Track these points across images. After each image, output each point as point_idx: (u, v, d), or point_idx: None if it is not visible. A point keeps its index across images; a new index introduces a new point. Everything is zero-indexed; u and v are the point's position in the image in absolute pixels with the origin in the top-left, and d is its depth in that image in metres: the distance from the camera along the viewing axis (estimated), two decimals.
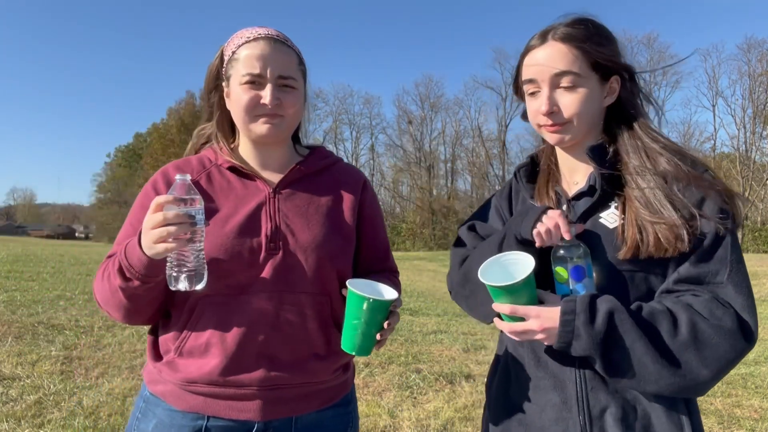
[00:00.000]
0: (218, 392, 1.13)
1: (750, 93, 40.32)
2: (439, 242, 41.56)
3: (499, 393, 1.23)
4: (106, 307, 1.16)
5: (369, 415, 3.47)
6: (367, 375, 4.33)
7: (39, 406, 3.26)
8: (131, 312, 1.13)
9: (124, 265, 1.05)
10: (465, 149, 52.04)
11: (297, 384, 1.17)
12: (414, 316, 7.54)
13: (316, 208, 1.24)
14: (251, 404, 1.14)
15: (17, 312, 5.66)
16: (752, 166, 39.37)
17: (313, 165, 1.30)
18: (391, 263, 1.40)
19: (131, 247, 1.05)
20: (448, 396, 3.90)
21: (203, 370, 1.13)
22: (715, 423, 3.64)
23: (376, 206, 1.38)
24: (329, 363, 1.22)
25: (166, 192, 1.10)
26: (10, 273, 8.63)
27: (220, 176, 1.24)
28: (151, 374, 1.21)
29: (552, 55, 1.09)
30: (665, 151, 1.07)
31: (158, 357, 1.21)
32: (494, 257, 1.08)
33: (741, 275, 1.01)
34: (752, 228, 37.41)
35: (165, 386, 1.17)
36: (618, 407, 1.03)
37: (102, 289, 1.13)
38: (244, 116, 1.19)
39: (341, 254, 1.23)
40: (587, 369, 1.05)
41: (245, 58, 1.17)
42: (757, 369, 5.17)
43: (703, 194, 1.02)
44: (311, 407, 1.21)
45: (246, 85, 1.17)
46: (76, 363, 4.16)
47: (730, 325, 0.96)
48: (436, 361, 4.90)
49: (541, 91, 1.11)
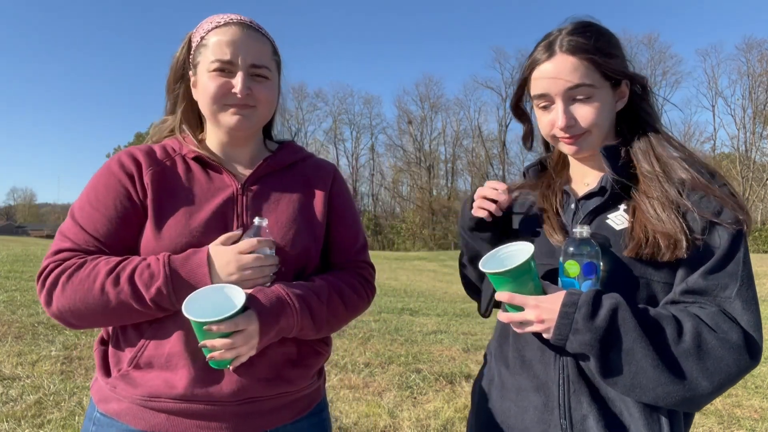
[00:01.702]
0: (184, 408, 1.03)
1: (750, 93, 40.32)
2: (439, 242, 41.54)
3: (482, 395, 1.22)
4: (73, 309, 1.00)
5: (369, 415, 3.47)
6: (367, 375, 4.33)
7: (39, 406, 3.26)
8: (102, 322, 1.04)
9: (164, 286, 0.98)
10: (465, 149, 52.11)
11: (273, 395, 1.09)
12: (414, 316, 7.54)
13: (286, 205, 1.17)
14: (222, 421, 1.05)
15: (17, 312, 5.65)
16: (752, 166, 39.35)
17: (282, 160, 1.23)
18: (364, 257, 1.28)
19: (191, 272, 0.99)
20: (448, 396, 3.90)
21: (167, 384, 1.02)
22: (715, 423, 3.64)
23: (346, 199, 1.30)
24: (304, 369, 1.15)
25: (138, 176, 1.08)
26: (10, 273, 8.63)
27: (185, 167, 1.15)
28: (101, 391, 1.09)
29: (563, 68, 1.06)
30: (681, 160, 1.06)
31: (109, 371, 1.09)
32: (493, 251, 1.06)
33: (751, 292, 0.98)
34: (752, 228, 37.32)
35: (119, 404, 1.05)
36: (600, 413, 1.01)
37: (85, 290, 0.99)
38: (212, 105, 1.11)
39: (310, 255, 1.18)
40: (571, 372, 1.04)
41: (215, 44, 1.10)
42: (757, 369, 5.17)
43: (721, 205, 1.00)
44: (286, 419, 1.13)
45: (215, 72, 1.09)
46: (76, 363, 4.15)
47: (736, 340, 0.94)
48: (436, 361, 4.90)
49: (554, 105, 1.09)
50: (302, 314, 1.05)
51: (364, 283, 1.24)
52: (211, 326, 0.93)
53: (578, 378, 1.03)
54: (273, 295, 1.03)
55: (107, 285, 0.98)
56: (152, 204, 1.08)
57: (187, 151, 1.16)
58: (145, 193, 1.08)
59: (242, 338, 0.96)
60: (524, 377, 1.10)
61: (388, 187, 54.38)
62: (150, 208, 1.07)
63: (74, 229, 1.05)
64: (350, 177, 53.72)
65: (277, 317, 1.02)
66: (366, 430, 3.28)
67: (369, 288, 1.25)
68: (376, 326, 6.39)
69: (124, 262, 1.02)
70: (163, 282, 0.99)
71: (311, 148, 62.62)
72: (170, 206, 1.07)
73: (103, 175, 1.10)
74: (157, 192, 1.08)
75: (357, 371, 4.41)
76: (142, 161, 1.11)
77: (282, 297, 1.04)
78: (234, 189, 1.14)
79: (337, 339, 5.47)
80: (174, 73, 1.18)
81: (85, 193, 1.10)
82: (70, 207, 1.11)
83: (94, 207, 1.06)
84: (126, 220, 1.06)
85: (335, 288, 1.15)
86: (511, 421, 1.11)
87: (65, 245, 1.04)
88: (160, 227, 1.06)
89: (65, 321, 1.02)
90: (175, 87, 1.19)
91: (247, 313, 0.97)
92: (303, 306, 1.06)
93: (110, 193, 1.07)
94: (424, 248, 40.02)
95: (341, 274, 1.21)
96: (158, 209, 1.07)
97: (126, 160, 1.11)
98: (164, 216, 1.07)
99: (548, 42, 1.09)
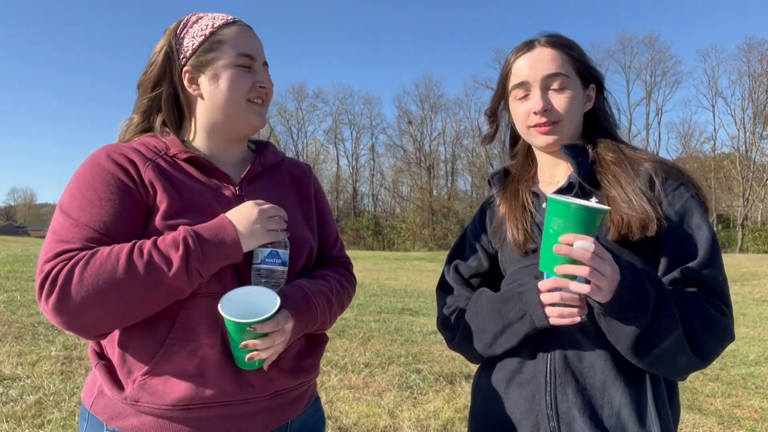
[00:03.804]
0: (220, 413, 1.00)
1: (750, 93, 40.36)
2: (439, 242, 41.54)
3: (479, 390, 1.25)
4: (96, 296, 0.90)
5: (369, 415, 3.47)
6: (367, 375, 4.33)
7: (39, 406, 3.26)
8: (129, 311, 0.94)
9: (192, 243, 0.94)
10: (465, 149, 52.08)
11: (294, 386, 1.12)
12: (414, 317, 7.54)
13: (285, 203, 1.16)
14: (257, 418, 1.05)
15: (17, 312, 5.66)
16: (752, 166, 39.38)
17: (268, 160, 1.23)
18: (344, 252, 1.33)
19: (212, 227, 0.98)
20: (448, 396, 3.90)
21: (197, 389, 0.98)
22: (715, 423, 3.64)
23: (324, 197, 1.34)
24: (314, 357, 1.18)
25: (137, 173, 1.03)
26: (10, 273, 8.63)
27: (174, 168, 1.08)
28: (111, 407, 1.01)
29: (543, 57, 1.16)
30: (645, 153, 1.17)
31: (121, 385, 1.00)
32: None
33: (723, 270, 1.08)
34: (752, 228, 37.38)
35: (139, 419, 0.99)
36: (586, 404, 1.05)
37: (109, 270, 0.90)
38: (239, 101, 1.10)
39: (312, 250, 1.20)
40: (558, 365, 1.08)
41: (236, 37, 1.10)
42: (757, 369, 5.17)
43: (681, 181, 1.11)
44: (301, 408, 1.16)
45: (240, 68, 1.10)
46: (76, 363, 4.16)
47: (727, 321, 1.04)
48: (436, 361, 4.90)
49: (531, 94, 1.16)
50: (324, 311, 1.11)
51: (350, 277, 1.30)
52: (255, 326, 0.94)
53: (564, 371, 1.07)
54: (301, 293, 1.07)
55: (134, 257, 0.92)
56: (157, 201, 1.03)
57: (177, 152, 1.09)
58: (147, 191, 1.03)
59: (281, 336, 0.99)
60: (518, 369, 1.14)
61: (388, 187, 54.41)
62: (155, 206, 1.03)
63: (77, 229, 0.96)
64: (350, 177, 53.82)
65: (307, 314, 1.06)
66: (366, 430, 3.28)
67: (354, 281, 1.31)
68: (376, 326, 6.39)
69: (140, 241, 0.96)
70: (189, 240, 0.94)
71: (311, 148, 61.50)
72: (175, 205, 1.03)
73: (95, 172, 1.02)
74: (160, 189, 1.03)
75: (357, 371, 4.41)
76: (135, 159, 1.05)
77: (308, 294, 1.08)
78: (232, 189, 1.12)
79: (337, 339, 5.47)
80: (157, 75, 1.12)
81: (79, 193, 1.00)
82: (58, 210, 1.01)
83: (95, 204, 0.98)
84: (130, 217, 1.01)
85: (339, 283, 1.20)
86: (505, 413, 1.14)
87: (68, 246, 0.95)
88: (167, 226, 1.01)
89: (82, 322, 0.92)
90: (154, 88, 1.13)
91: (283, 312, 1.00)
92: (324, 303, 1.11)
93: (111, 189, 1.00)
94: (424, 248, 40.01)
95: (333, 269, 1.25)
96: (163, 207, 1.02)
97: (117, 158, 1.04)
98: (170, 215, 1.02)
99: (528, 41, 1.20)
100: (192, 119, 1.15)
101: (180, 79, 1.12)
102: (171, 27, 1.15)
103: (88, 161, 1.05)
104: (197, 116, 1.15)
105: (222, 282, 1.02)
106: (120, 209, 0.99)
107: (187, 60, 1.11)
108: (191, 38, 1.11)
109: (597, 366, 1.06)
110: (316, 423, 1.23)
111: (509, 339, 1.12)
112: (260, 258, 1.04)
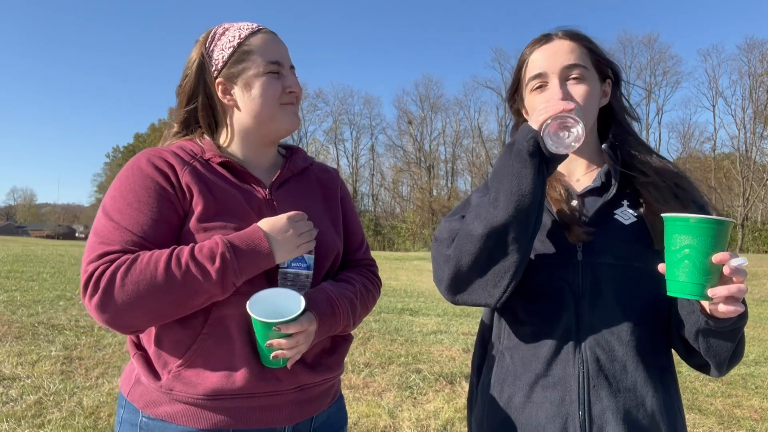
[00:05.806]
0: (249, 404, 1.06)
1: (750, 93, 40.36)
2: None
3: (487, 389, 1.20)
4: (137, 301, 0.96)
5: (369, 415, 3.47)
6: (367, 375, 4.33)
7: (39, 406, 3.26)
8: (166, 312, 1.00)
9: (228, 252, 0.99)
10: (465, 149, 52.12)
11: (318, 382, 1.16)
12: (414, 317, 7.54)
13: (313, 208, 1.22)
14: (283, 410, 1.10)
15: (17, 312, 5.66)
16: (752, 166, 39.37)
17: (298, 165, 1.27)
18: (369, 254, 1.37)
19: (246, 236, 1.03)
20: (448, 396, 3.90)
21: (227, 380, 1.04)
22: (716, 423, 3.64)
23: (351, 201, 1.39)
24: (339, 355, 1.22)
25: (175, 178, 1.07)
26: (10, 273, 8.63)
27: (210, 172, 1.13)
28: (148, 395, 1.08)
29: (561, 49, 1.14)
30: (658, 156, 1.17)
31: (157, 374, 1.07)
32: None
33: None
34: (752, 228, 37.37)
35: (172, 406, 1.05)
36: (620, 406, 1.05)
37: (149, 278, 0.96)
38: (272, 107, 1.15)
39: (339, 253, 1.25)
40: (591, 367, 1.07)
41: (263, 46, 1.15)
42: (757, 369, 5.17)
43: (702, 203, 1.12)
44: (325, 404, 1.21)
45: (271, 74, 1.14)
46: (76, 363, 4.16)
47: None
48: (436, 361, 4.90)
49: (548, 84, 1.14)
50: (348, 315, 1.15)
51: (375, 280, 1.33)
52: (280, 327, 1.00)
53: (597, 373, 1.06)
54: (325, 297, 1.11)
55: (172, 266, 0.97)
56: (193, 204, 1.08)
57: (211, 156, 1.14)
58: (184, 195, 1.08)
59: (304, 337, 1.05)
60: (542, 372, 1.11)
61: (388, 188, 54.46)
62: (191, 209, 1.08)
63: (117, 232, 1.02)
64: (350, 177, 53.78)
65: (331, 318, 1.10)
66: (366, 430, 3.28)
67: (379, 283, 1.34)
68: (376, 326, 6.39)
69: (177, 248, 1.01)
70: (226, 254, 1.00)
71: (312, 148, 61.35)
72: (210, 208, 1.08)
73: (136, 176, 1.07)
74: (197, 192, 1.08)
75: (357, 371, 4.41)
76: (174, 163, 1.10)
77: (332, 298, 1.12)
78: (263, 194, 1.17)
79: None
80: (192, 84, 1.17)
81: (120, 196, 1.06)
82: (100, 212, 1.07)
83: (135, 208, 1.04)
84: (167, 222, 1.06)
85: (363, 286, 1.24)
86: (523, 416, 1.11)
87: (110, 248, 1.00)
88: (203, 229, 1.06)
89: (122, 321, 0.98)
90: (189, 102, 1.19)
91: (308, 314, 1.05)
92: (348, 306, 1.15)
93: (151, 194, 1.05)
94: (424, 248, 40.01)
95: (358, 272, 1.29)
96: (198, 210, 1.07)
97: (157, 162, 1.09)
98: (205, 217, 1.07)
99: (545, 33, 1.18)
100: (227, 126, 1.20)
101: (214, 90, 1.17)
102: (200, 39, 1.19)
103: (129, 165, 1.11)
104: (232, 123, 1.19)
105: (252, 283, 1.07)
106: (158, 213, 1.05)
107: (219, 72, 1.15)
108: (220, 50, 1.15)
109: (629, 368, 1.06)
110: (338, 420, 1.27)
111: (516, 180, 0.99)
112: (287, 262, 1.10)
